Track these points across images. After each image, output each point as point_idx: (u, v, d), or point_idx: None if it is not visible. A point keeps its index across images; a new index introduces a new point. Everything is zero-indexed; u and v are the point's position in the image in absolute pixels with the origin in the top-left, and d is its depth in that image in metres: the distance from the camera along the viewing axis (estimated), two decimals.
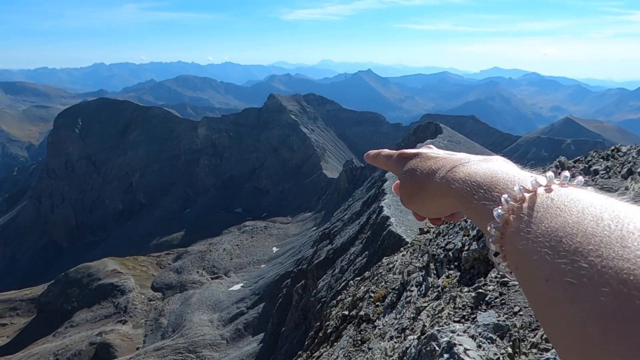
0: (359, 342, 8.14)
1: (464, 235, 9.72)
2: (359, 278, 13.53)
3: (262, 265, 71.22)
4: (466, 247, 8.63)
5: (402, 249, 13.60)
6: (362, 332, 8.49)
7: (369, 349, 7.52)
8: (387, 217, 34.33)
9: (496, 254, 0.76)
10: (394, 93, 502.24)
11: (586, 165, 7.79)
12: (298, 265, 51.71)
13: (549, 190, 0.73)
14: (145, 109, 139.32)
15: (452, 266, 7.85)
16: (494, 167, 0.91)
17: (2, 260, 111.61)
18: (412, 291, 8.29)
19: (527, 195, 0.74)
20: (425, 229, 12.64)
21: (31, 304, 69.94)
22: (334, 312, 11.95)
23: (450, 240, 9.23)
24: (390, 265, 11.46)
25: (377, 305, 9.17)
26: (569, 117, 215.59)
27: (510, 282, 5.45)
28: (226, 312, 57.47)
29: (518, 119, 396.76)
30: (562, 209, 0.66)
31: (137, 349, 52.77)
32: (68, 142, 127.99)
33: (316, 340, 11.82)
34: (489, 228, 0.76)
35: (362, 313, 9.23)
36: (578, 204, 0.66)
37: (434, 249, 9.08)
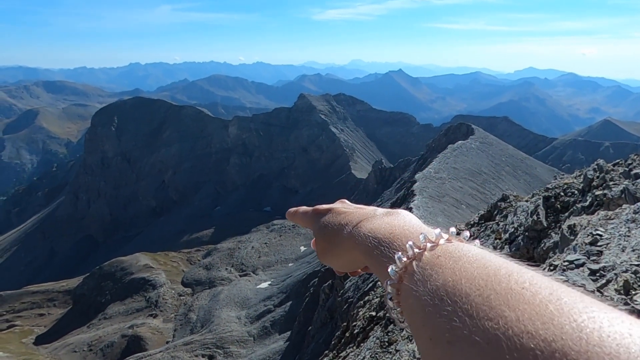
0: (386, 344, 8.08)
1: (495, 239, 9.52)
2: None
3: (290, 264, 71.61)
4: (498, 251, 8.43)
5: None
6: (389, 334, 8.42)
7: (397, 350, 7.46)
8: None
9: (394, 310, 0.77)
10: (425, 93, 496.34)
11: (626, 169, 7.49)
12: (325, 265, 51.56)
13: (436, 246, 0.76)
14: (178, 108, 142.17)
15: None
16: (395, 222, 0.92)
17: (41, 252, 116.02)
18: None
19: (417, 251, 0.76)
20: (455, 232, 12.40)
21: (67, 296, 72.36)
22: (361, 313, 11.90)
23: (481, 243, 9.03)
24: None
25: None
26: (608, 119, 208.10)
27: None
28: (253, 309, 58.05)
29: (553, 120, 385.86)
30: (445, 267, 0.69)
31: (167, 342, 53.89)
32: (104, 140, 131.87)
33: (343, 340, 11.79)
34: (385, 285, 0.78)
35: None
36: (458, 261, 0.69)
37: None
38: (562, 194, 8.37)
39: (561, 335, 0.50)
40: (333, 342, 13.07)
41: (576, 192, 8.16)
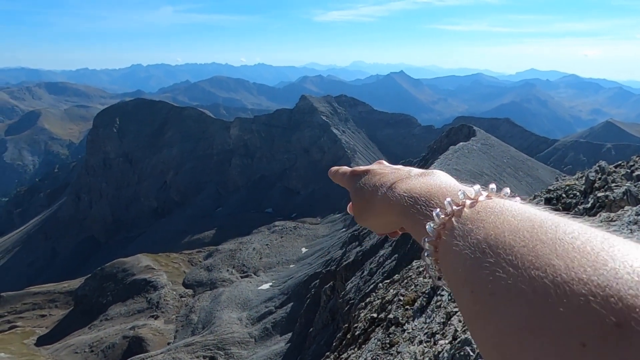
0: (388, 345, 8.07)
1: None
2: (388, 281, 13.42)
3: (291, 266, 71.58)
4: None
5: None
6: (390, 336, 8.41)
7: (398, 352, 7.45)
8: None
9: (432, 268, 0.77)
10: (427, 95, 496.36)
11: (628, 171, 7.48)
12: (327, 267, 51.72)
13: (475, 202, 0.76)
14: (180, 109, 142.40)
15: None
16: (431, 181, 0.93)
17: (43, 253, 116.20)
18: (442, 296, 8.16)
19: (456, 208, 0.76)
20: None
21: (69, 297, 72.43)
22: (362, 315, 11.88)
23: None
24: (421, 269, 11.32)
25: (407, 309, 9.07)
26: (610, 120, 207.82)
27: None
28: (255, 310, 58.04)
29: (555, 122, 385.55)
30: (486, 221, 0.68)
31: (168, 344, 53.89)
32: (106, 141, 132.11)
33: (344, 342, 11.78)
34: (422, 242, 0.78)
35: (390, 316, 9.15)
36: (500, 216, 0.68)
37: None
38: (563, 195, 8.36)
39: (616, 280, 0.49)
40: (334, 344, 13.06)
41: (578, 193, 8.15)
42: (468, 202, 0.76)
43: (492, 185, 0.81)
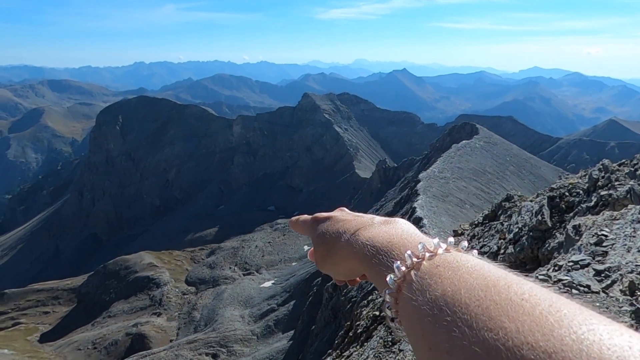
0: (390, 343, 8.07)
1: (499, 239, 9.48)
2: None
3: (294, 263, 71.66)
4: (502, 251, 8.43)
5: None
6: (392, 333, 8.41)
7: (400, 350, 7.45)
8: (420, 219, 33.91)
9: (392, 319, 0.78)
10: (429, 93, 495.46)
11: (632, 169, 7.45)
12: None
13: (434, 255, 0.76)
14: (183, 107, 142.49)
15: None
16: (392, 230, 0.93)
17: (46, 250, 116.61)
18: None
19: (415, 261, 0.77)
20: (459, 231, 12.40)
21: (72, 294, 72.70)
22: (364, 312, 11.89)
23: (485, 243, 9.04)
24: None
25: None
26: (613, 118, 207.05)
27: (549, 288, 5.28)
28: (257, 308, 58.15)
29: (559, 120, 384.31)
30: (444, 277, 0.70)
31: (171, 341, 54.06)
32: (109, 138, 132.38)
33: (346, 340, 11.80)
34: (383, 294, 0.79)
35: None
36: (457, 271, 0.70)
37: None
38: (567, 194, 8.34)
39: (561, 347, 0.51)
40: (336, 342, 13.08)
41: (581, 192, 8.12)
42: (427, 254, 0.77)
43: (451, 239, 0.82)
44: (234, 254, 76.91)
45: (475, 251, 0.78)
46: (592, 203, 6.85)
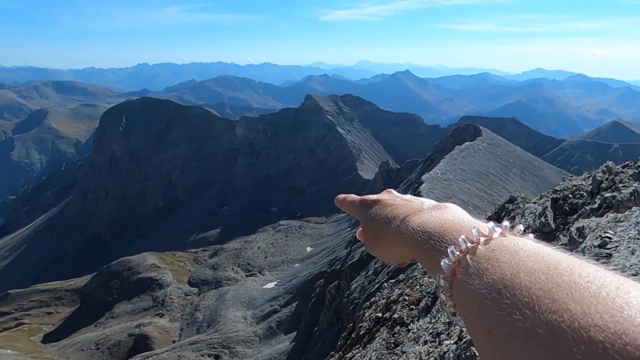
0: (392, 345, 8.06)
1: None
2: (393, 280, 13.40)
3: (296, 265, 71.65)
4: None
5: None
6: (395, 335, 8.40)
7: (403, 352, 7.44)
8: None
9: (446, 304, 0.79)
10: (433, 94, 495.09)
11: (636, 171, 7.42)
12: (331, 266, 51.71)
13: (489, 240, 0.76)
14: (186, 108, 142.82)
15: None
16: (444, 215, 0.93)
17: (50, 251, 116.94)
18: None
19: (470, 245, 0.77)
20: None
21: (75, 294, 72.90)
22: (367, 314, 11.87)
23: None
24: (425, 269, 11.29)
25: (411, 309, 9.06)
26: (617, 120, 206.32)
27: None
28: (260, 309, 58.16)
29: (562, 122, 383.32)
30: (501, 260, 0.69)
31: (174, 342, 54.12)
32: (112, 140, 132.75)
33: (349, 342, 11.78)
34: (437, 279, 0.80)
35: (395, 316, 9.14)
36: (515, 255, 0.69)
37: None
38: (570, 195, 8.31)
39: (632, 328, 0.50)
40: (339, 343, 13.06)
41: (585, 194, 8.10)
42: (482, 239, 0.77)
43: (506, 223, 0.81)
44: (236, 255, 76.98)
45: (531, 235, 0.78)
46: (596, 205, 6.83)
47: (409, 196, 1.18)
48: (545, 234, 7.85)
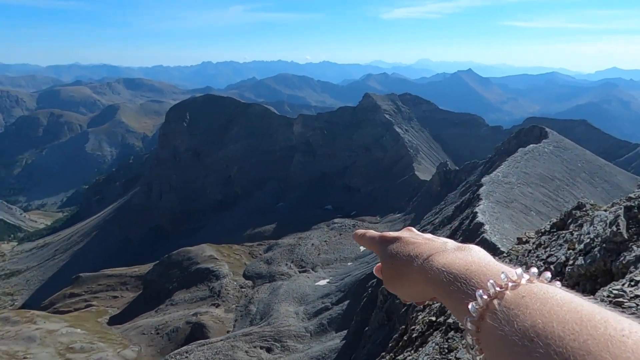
0: (446, 350, 7.87)
1: (568, 249, 8.98)
2: None
3: (349, 263, 71.61)
4: (570, 262, 7.98)
5: (496, 258, 12.88)
6: (449, 341, 8.19)
7: (457, 358, 7.25)
8: (481, 224, 32.80)
9: (473, 348, 0.79)
10: (496, 94, 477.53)
11: None
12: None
13: (517, 286, 0.77)
14: (246, 106, 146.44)
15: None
16: (469, 258, 0.94)
17: (117, 239, 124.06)
18: None
19: (499, 290, 0.77)
20: (524, 239, 11.86)
21: (139, 281, 76.85)
22: (420, 317, 11.66)
23: (552, 252, 8.59)
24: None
25: None
26: None
27: (624, 304, 4.93)
28: (311, 305, 58.65)
29: (638, 125, 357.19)
30: (532, 308, 0.70)
31: (228, 332, 55.76)
32: (177, 135, 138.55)
33: (400, 344, 11.63)
34: (465, 321, 0.80)
35: (450, 320, 8.91)
36: (546, 303, 0.69)
37: (533, 261, 8.51)
38: None
39: None
40: (390, 345, 12.93)
41: None
42: (510, 284, 0.77)
43: (534, 269, 0.81)
44: (290, 250, 78.04)
45: (558, 283, 0.78)
46: None
47: (429, 235, 1.17)
48: (617, 244, 7.37)
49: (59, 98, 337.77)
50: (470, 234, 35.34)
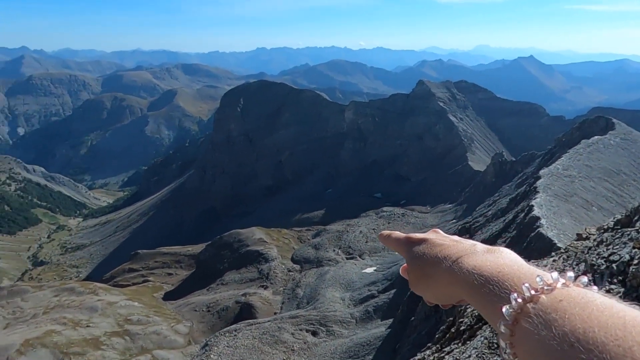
0: (495, 346, 7.69)
1: (633, 248, 8.48)
2: None
3: (397, 252, 71.05)
4: (635, 261, 7.54)
5: (553, 253, 12.38)
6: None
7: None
8: (538, 218, 31.53)
9: (507, 351, 0.78)
10: (559, 82, 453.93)
11: None
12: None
13: (553, 290, 0.76)
14: (298, 92, 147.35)
15: (615, 280, 6.92)
16: (500, 260, 0.92)
17: (172, 219, 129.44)
18: None
19: (534, 294, 0.76)
20: (584, 236, 11.30)
21: (192, 260, 79.97)
22: (469, 310, 11.44)
23: (615, 250, 8.12)
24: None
25: None
26: None
27: None
28: (358, 292, 58.86)
29: None
30: (570, 312, 0.68)
31: (275, 313, 57.09)
32: (230, 120, 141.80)
33: (447, 335, 11.48)
34: (498, 325, 0.79)
35: None
36: (585, 308, 0.67)
37: (594, 259, 8.10)
38: None
39: None
40: (437, 336, 12.79)
41: None
42: (546, 288, 0.76)
43: (570, 273, 0.80)
44: (338, 237, 78.43)
45: (595, 287, 0.76)
46: None
47: (456, 237, 1.15)
48: None
49: (122, 82, 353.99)
50: (524, 227, 34.05)
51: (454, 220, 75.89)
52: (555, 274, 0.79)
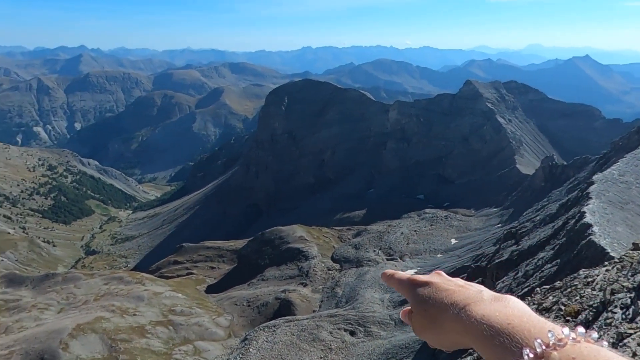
0: None
1: None
2: (547, 286, 12.25)
3: (439, 255, 69.83)
4: None
5: (606, 263, 11.80)
6: None
7: None
8: (589, 225, 30.11)
9: None
10: (617, 83, 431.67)
11: None
12: (476, 262, 49.21)
13: (564, 345, 0.76)
14: (343, 91, 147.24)
15: None
16: (509, 311, 0.91)
17: (216, 214, 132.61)
18: (615, 313, 7.17)
19: (546, 349, 0.77)
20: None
21: (234, 254, 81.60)
22: None
23: None
24: (589, 279, 10.07)
25: (567, 320, 8.20)
26: None
27: None
28: (397, 294, 58.09)
29: None
30: None
31: (314, 311, 57.37)
32: (275, 118, 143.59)
33: None
34: None
35: None
36: None
37: None
38: None
39: None
40: None
41: None
42: (558, 344, 0.77)
43: (581, 329, 0.80)
44: (379, 237, 77.85)
45: (605, 343, 0.77)
46: None
47: (461, 281, 1.14)
48: None
49: (172, 80, 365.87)
50: (575, 235, 32.60)
51: (499, 225, 73.71)
52: (566, 330, 0.80)
